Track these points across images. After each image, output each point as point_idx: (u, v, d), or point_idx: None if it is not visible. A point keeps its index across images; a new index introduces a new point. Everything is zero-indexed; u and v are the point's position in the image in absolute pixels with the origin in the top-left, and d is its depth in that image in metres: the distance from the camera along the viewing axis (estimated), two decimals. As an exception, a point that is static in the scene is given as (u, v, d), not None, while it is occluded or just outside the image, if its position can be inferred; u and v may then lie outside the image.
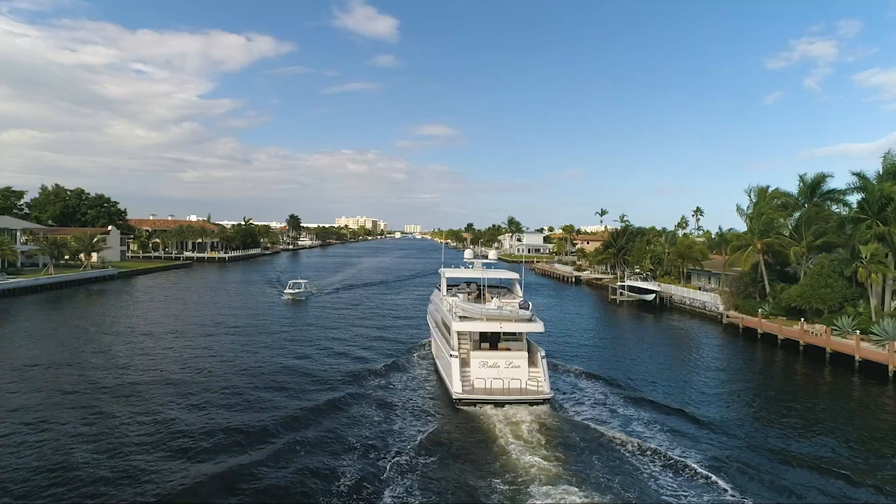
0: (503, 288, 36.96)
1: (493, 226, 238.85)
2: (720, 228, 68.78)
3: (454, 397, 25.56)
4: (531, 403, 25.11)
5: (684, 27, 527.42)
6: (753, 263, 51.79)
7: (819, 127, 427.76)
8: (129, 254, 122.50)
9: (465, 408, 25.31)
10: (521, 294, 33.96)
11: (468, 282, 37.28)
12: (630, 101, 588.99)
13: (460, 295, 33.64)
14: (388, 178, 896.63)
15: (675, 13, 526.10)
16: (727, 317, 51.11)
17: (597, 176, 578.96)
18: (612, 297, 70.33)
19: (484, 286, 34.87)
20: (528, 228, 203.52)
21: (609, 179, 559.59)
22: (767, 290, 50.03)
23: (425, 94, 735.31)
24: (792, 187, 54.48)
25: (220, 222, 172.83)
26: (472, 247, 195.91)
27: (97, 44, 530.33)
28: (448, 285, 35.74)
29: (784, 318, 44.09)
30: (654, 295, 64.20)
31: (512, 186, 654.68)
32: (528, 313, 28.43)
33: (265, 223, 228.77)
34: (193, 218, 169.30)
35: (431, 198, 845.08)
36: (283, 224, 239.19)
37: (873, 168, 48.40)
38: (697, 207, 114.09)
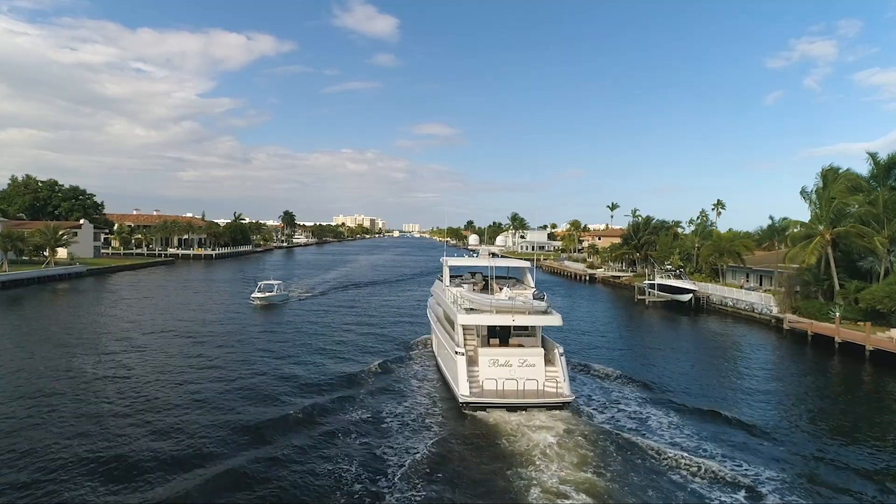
0: (512, 278, 33.29)
1: (495, 223, 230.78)
2: (770, 221, 59.93)
3: (461, 401, 22.62)
4: (549, 407, 22.27)
5: (684, 27, 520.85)
6: (817, 258, 43.66)
7: (818, 127, 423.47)
8: (110, 251, 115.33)
9: (474, 412, 22.42)
10: (532, 284, 30.49)
11: (473, 271, 33.80)
12: (630, 100, 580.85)
13: (465, 285, 30.30)
14: (387, 178, 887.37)
15: (675, 13, 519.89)
16: (788, 321, 42.90)
17: (597, 175, 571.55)
18: (640, 296, 62.16)
19: (491, 276, 31.11)
20: (531, 225, 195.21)
21: (609, 179, 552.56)
22: (836, 288, 41.96)
23: (425, 94, 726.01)
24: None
25: (216, 220, 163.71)
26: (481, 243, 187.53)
27: (97, 42, 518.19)
28: (451, 275, 32.29)
29: (869, 324, 35.98)
30: (690, 295, 55.98)
31: (511, 186, 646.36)
32: (543, 304, 25.30)
33: (262, 221, 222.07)
34: (189, 216, 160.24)
35: (431, 197, 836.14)
36: (279, 222, 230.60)
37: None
38: (718, 200, 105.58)
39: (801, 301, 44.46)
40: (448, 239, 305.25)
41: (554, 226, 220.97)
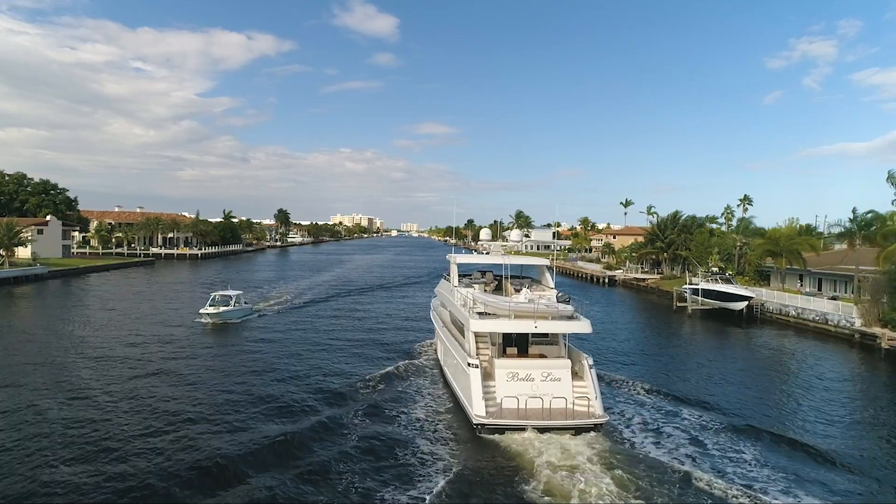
0: (527, 278, 29.89)
1: (496, 222, 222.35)
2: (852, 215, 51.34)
3: (475, 422, 19.48)
4: (578, 430, 19.14)
5: (684, 27, 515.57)
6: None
7: (818, 126, 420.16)
8: (88, 250, 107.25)
9: (491, 436, 19.17)
10: (552, 284, 27.36)
11: (483, 270, 30.50)
12: (629, 100, 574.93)
13: (476, 286, 27.06)
14: (386, 177, 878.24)
15: (676, 13, 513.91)
16: (888, 339, 34.44)
17: (595, 175, 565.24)
18: (680, 303, 53.71)
19: (506, 276, 27.36)
20: (535, 224, 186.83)
21: (608, 178, 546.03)
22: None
23: (425, 93, 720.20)
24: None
25: (212, 220, 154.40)
26: (481, 244, 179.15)
27: (97, 42, 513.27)
28: (459, 274, 28.81)
29: None
30: (745, 303, 47.53)
31: (510, 185, 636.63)
32: (570, 308, 22.27)
33: (260, 220, 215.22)
34: (178, 214, 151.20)
35: (429, 196, 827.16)
36: (274, 221, 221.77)
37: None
38: (745, 195, 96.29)
39: (893, 312, 36.13)
40: (447, 238, 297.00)
41: (558, 224, 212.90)
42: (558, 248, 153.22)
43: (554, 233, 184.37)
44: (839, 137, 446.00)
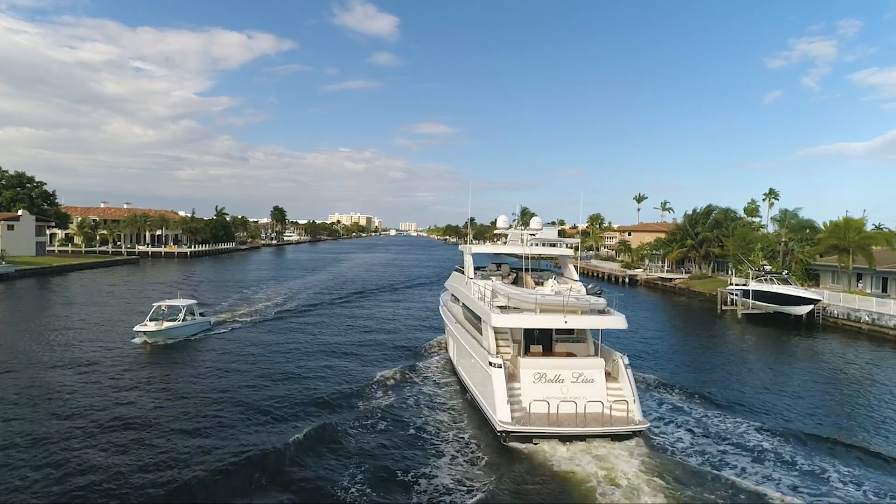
0: (546, 270, 28.54)
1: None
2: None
3: (499, 429, 17.20)
4: (615, 437, 16.99)
5: (684, 27, 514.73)
6: None
7: (817, 126, 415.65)
8: (70, 248, 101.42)
9: (517, 444, 16.94)
10: (576, 277, 25.41)
11: (498, 262, 29.12)
12: (629, 100, 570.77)
13: (493, 278, 25.00)
14: (385, 177, 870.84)
15: (675, 13, 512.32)
16: None
17: (596, 175, 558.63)
18: (725, 307, 47.19)
19: (526, 267, 25.06)
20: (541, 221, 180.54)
21: (608, 178, 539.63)
22: None
23: (424, 93, 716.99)
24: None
25: (207, 218, 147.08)
26: (478, 242, 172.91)
27: (97, 41, 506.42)
28: (474, 266, 26.96)
29: None
30: (810, 306, 40.88)
31: (510, 185, 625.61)
32: (601, 301, 20.12)
33: (258, 219, 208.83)
34: (182, 214, 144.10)
35: (428, 196, 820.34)
36: (271, 220, 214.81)
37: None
38: (770, 189, 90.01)
39: None
40: (447, 237, 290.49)
41: (562, 222, 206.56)
42: (566, 246, 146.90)
43: (559, 231, 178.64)
44: (838, 137, 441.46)
